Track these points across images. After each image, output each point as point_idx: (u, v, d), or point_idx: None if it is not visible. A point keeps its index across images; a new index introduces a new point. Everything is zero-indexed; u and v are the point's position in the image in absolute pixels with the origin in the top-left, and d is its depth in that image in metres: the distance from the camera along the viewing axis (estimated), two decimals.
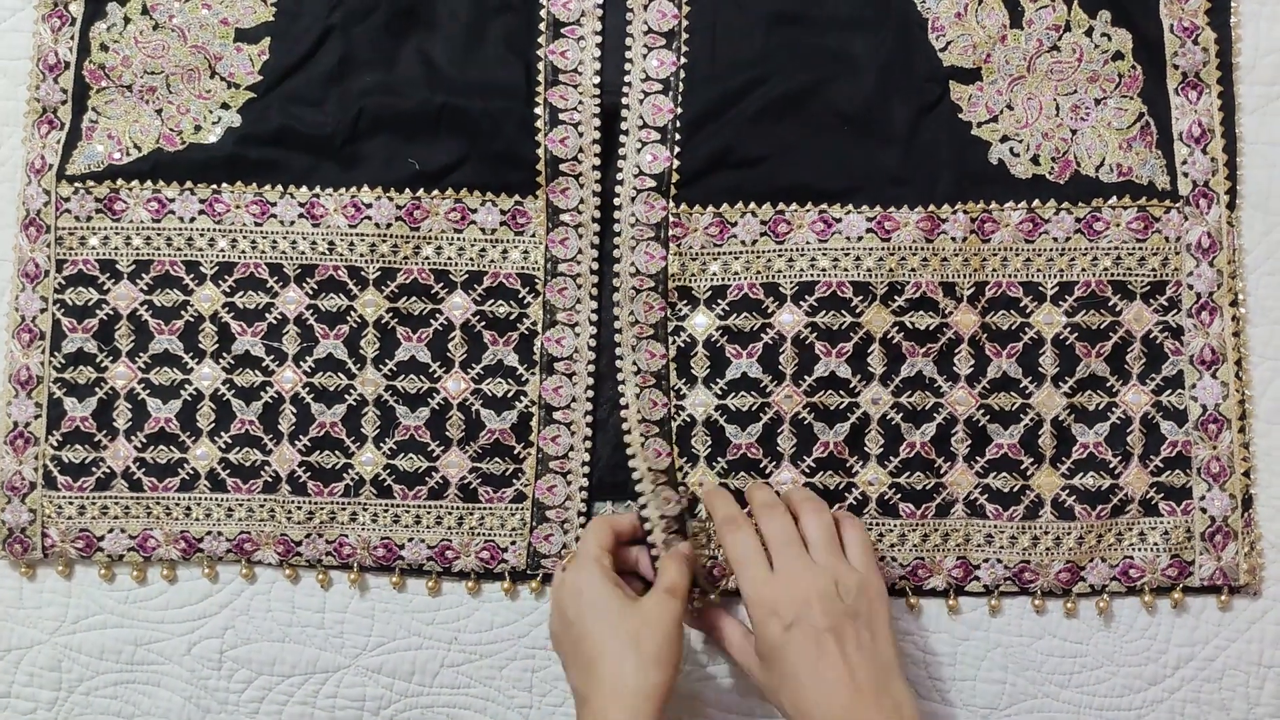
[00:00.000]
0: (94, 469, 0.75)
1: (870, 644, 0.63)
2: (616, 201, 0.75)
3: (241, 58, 0.76)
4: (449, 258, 0.75)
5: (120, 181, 0.75)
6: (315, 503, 0.74)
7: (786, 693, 0.62)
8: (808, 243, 0.74)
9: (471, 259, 0.75)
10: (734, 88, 0.75)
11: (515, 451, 0.75)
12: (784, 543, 0.66)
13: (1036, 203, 0.75)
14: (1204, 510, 0.74)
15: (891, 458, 0.74)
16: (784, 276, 0.74)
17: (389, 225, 0.75)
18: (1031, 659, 0.74)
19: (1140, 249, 0.75)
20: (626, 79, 0.75)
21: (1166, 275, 0.75)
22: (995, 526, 0.74)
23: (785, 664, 0.62)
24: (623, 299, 0.74)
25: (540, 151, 0.75)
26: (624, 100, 0.75)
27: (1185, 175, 0.75)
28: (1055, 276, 0.75)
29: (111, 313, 0.75)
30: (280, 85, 0.76)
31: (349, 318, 0.75)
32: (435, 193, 0.75)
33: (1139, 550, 0.74)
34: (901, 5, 0.76)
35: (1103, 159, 0.75)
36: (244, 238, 0.75)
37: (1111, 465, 0.74)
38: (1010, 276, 0.75)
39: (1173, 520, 0.74)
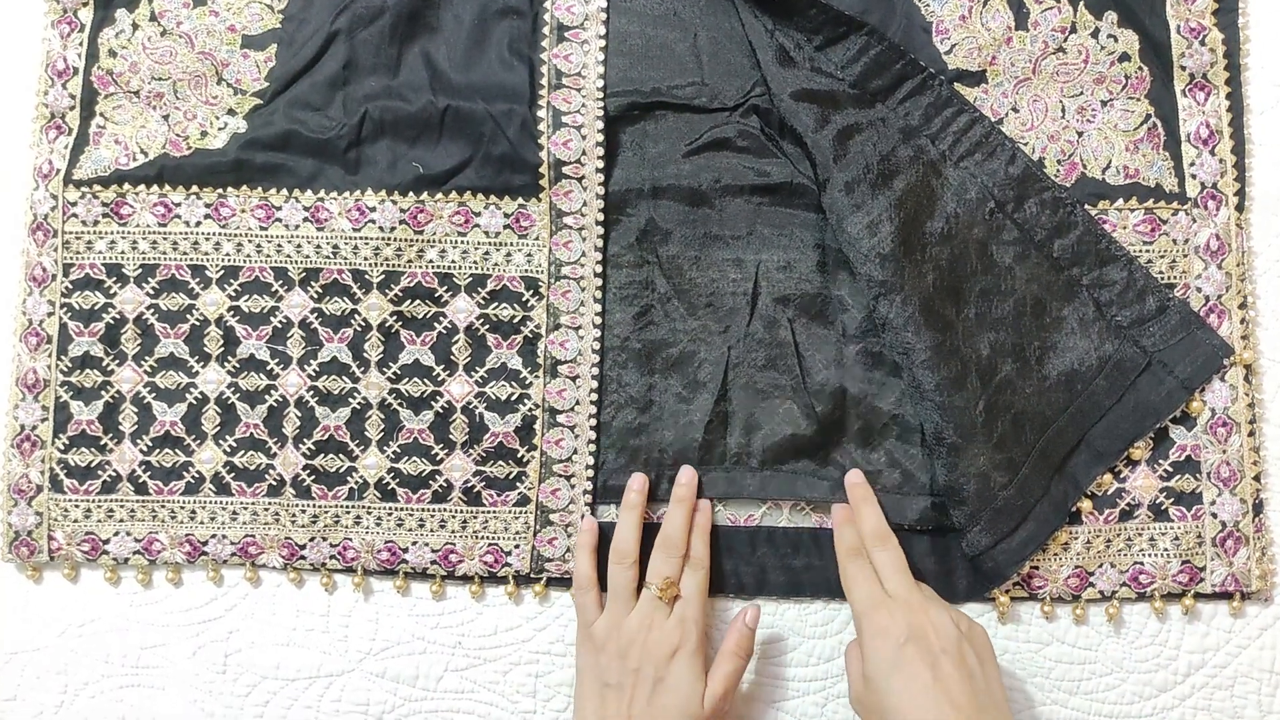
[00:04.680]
0: (100, 472, 0.75)
1: (980, 674, 0.63)
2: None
3: (248, 64, 0.77)
4: (453, 261, 0.75)
5: (127, 186, 0.76)
6: (319, 506, 0.75)
7: (891, 713, 0.62)
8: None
9: (475, 262, 0.75)
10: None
11: (519, 455, 0.75)
12: (897, 570, 0.68)
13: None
14: (1214, 515, 0.73)
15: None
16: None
17: (393, 229, 0.75)
18: (1040, 665, 0.74)
19: (1147, 251, 0.74)
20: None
21: (1174, 278, 0.74)
22: None
23: (894, 682, 0.62)
24: None
25: (544, 155, 0.75)
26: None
27: (1193, 177, 0.75)
28: None
29: (118, 317, 0.75)
30: (286, 91, 0.77)
31: (353, 321, 0.75)
32: (439, 196, 0.75)
33: (1149, 556, 0.73)
34: (906, 9, 0.76)
35: (1109, 161, 0.75)
36: (249, 242, 0.75)
37: (1117, 469, 0.73)
38: None
39: (1183, 525, 0.73)
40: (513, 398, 0.75)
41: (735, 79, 0.77)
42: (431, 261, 0.75)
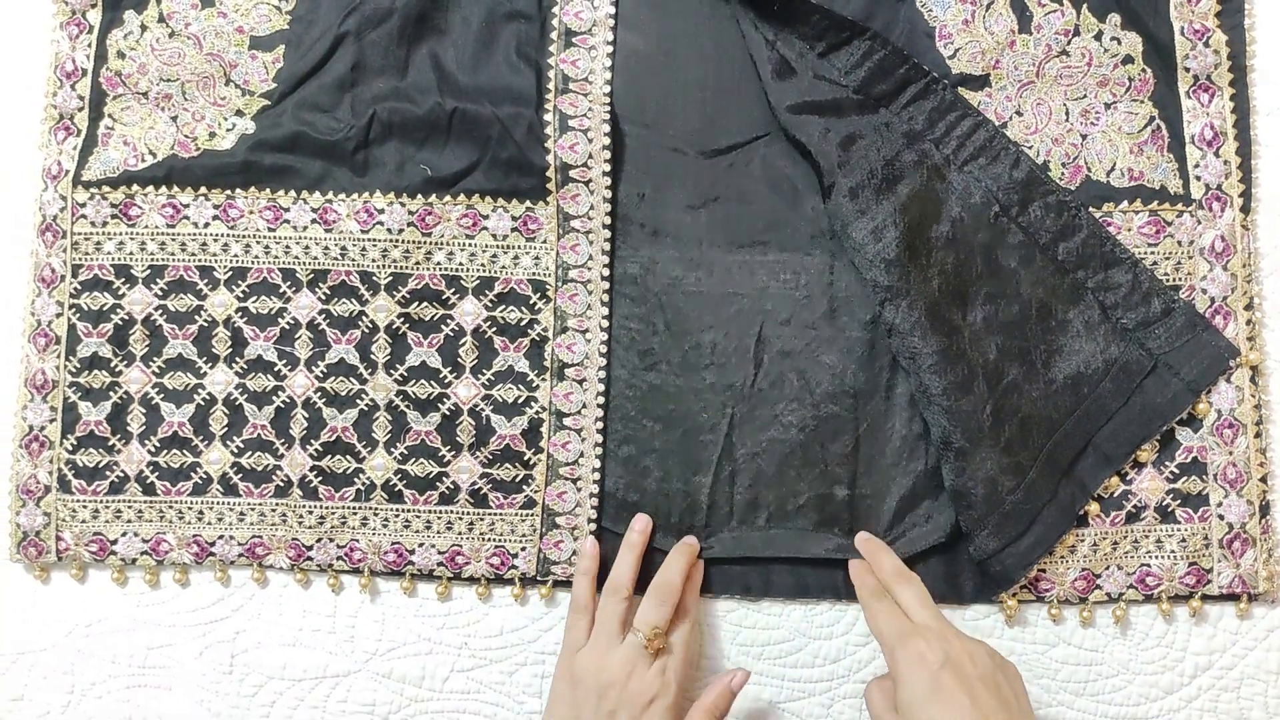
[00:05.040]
0: (108, 473, 0.75)
1: (1015, 706, 0.62)
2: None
3: (256, 65, 0.77)
4: (460, 263, 0.75)
5: (135, 187, 0.76)
6: (326, 507, 0.75)
7: None
8: None
9: (483, 265, 0.76)
10: None
11: (526, 458, 0.75)
12: (924, 603, 0.67)
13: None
14: (1221, 517, 0.73)
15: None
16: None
17: (401, 231, 0.75)
18: (1047, 667, 0.74)
19: (1152, 253, 0.74)
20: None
21: (1179, 280, 0.74)
22: None
23: (933, 709, 0.60)
24: None
25: (550, 158, 0.75)
26: None
27: (1198, 179, 0.75)
28: None
29: (126, 317, 0.76)
30: (294, 92, 0.77)
31: (361, 323, 0.75)
32: (447, 198, 0.75)
33: (1156, 558, 0.73)
34: (908, 14, 0.77)
35: (1114, 163, 0.75)
36: (257, 243, 0.76)
37: (1123, 471, 0.73)
38: None
39: (1190, 527, 0.73)
40: (519, 400, 0.75)
41: (739, 110, 0.76)
42: (439, 264, 0.75)
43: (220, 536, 0.75)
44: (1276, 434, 0.74)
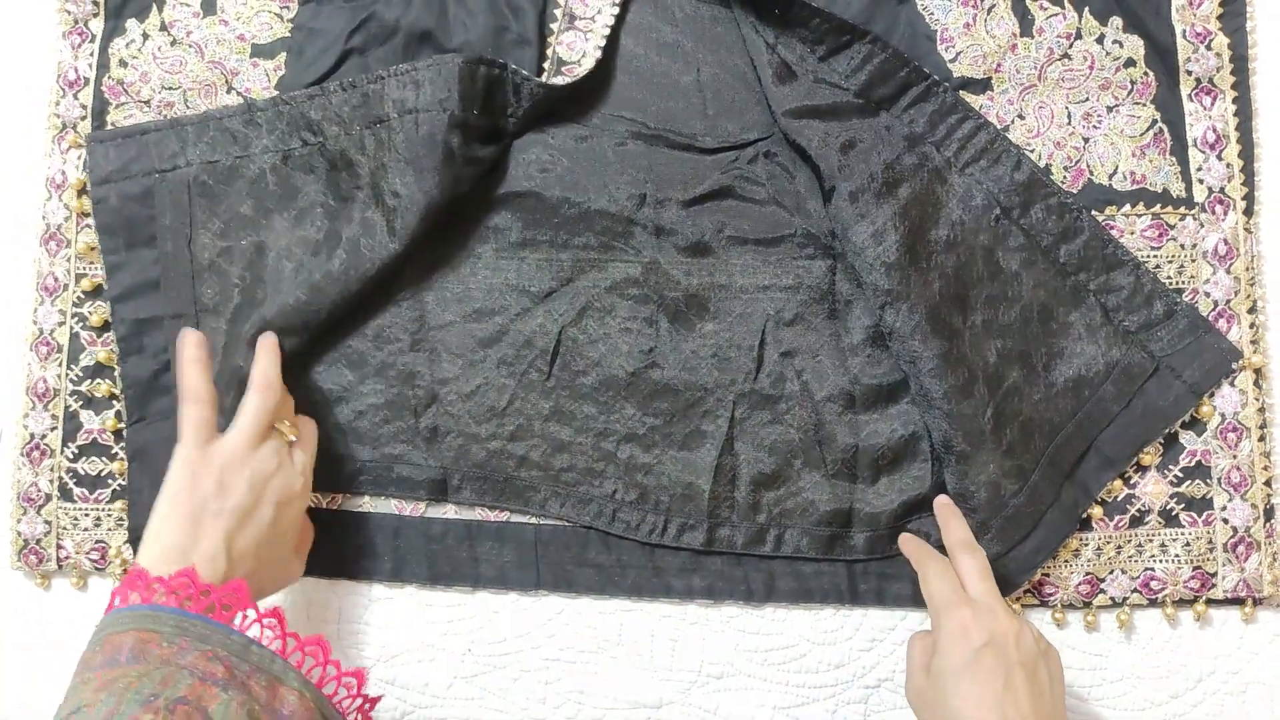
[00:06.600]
0: (109, 481, 0.75)
1: (1049, 695, 0.62)
2: None
3: (258, 73, 0.77)
4: None
5: None
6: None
7: (953, 714, 0.61)
8: None
9: None
10: None
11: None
12: (984, 575, 0.66)
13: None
14: (1225, 521, 0.73)
15: None
16: None
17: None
18: None
19: (1155, 256, 0.74)
20: None
21: (1182, 282, 0.74)
22: None
23: (964, 684, 0.61)
24: None
25: None
26: None
27: (1200, 182, 0.75)
28: None
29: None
30: None
31: None
32: None
33: (1160, 562, 0.73)
34: (909, 17, 0.77)
35: (1116, 167, 0.75)
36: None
37: (1127, 474, 0.73)
38: None
39: (1194, 531, 0.73)
40: None
41: (741, 113, 0.76)
42: None
43: None
44: None
